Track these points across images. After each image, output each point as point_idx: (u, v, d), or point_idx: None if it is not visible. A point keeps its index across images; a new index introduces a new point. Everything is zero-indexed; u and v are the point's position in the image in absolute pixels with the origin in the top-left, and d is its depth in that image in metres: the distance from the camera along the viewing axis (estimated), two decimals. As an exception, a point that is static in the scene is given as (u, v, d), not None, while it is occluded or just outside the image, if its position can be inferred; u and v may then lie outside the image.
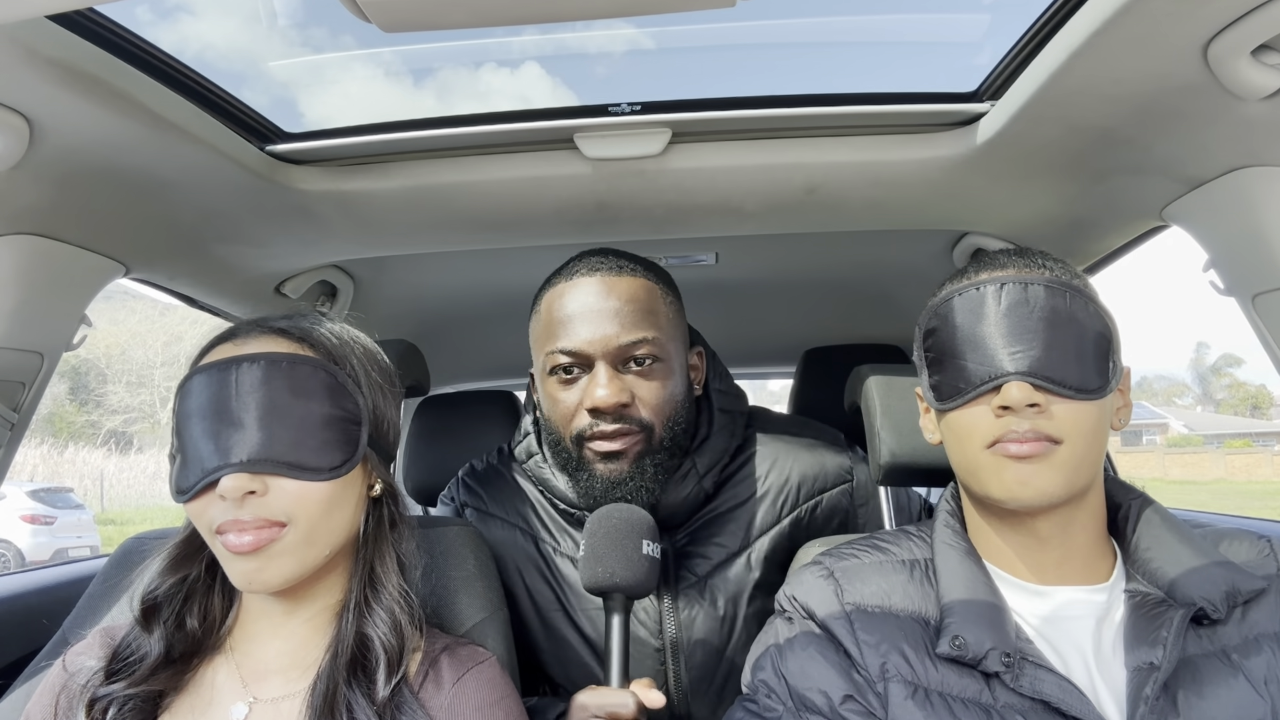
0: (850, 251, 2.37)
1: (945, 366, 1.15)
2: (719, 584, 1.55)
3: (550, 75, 6.56)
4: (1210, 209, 1.39)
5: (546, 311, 1.50)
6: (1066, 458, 1.06)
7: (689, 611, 1.54)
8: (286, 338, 1.09)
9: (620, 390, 1.42)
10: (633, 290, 1.46)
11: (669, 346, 1.48)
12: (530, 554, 1.62)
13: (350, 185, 1.57)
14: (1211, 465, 39.80)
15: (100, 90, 1.14)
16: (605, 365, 1.43)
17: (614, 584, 1.29)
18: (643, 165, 1.53)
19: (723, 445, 1.60)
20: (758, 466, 1.64)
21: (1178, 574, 1.09)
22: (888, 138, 1.53)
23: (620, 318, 1.44)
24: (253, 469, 1.00)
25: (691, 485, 1.55)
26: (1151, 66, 1.15)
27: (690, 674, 1.53)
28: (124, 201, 1.42)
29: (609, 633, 1.30)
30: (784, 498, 1.61)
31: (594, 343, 1.43)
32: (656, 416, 1.46)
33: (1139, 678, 1.03)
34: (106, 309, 32.35)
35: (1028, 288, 1.11)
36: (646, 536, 1.33)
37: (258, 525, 1.00)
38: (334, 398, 1.07)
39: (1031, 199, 1.67)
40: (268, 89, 1.50)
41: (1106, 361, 1.10)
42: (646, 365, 1.45)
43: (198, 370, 1.06)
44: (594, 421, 1.44)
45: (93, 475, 27.52)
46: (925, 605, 1.16)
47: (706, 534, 1.59)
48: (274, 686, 1.09)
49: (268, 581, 1.02)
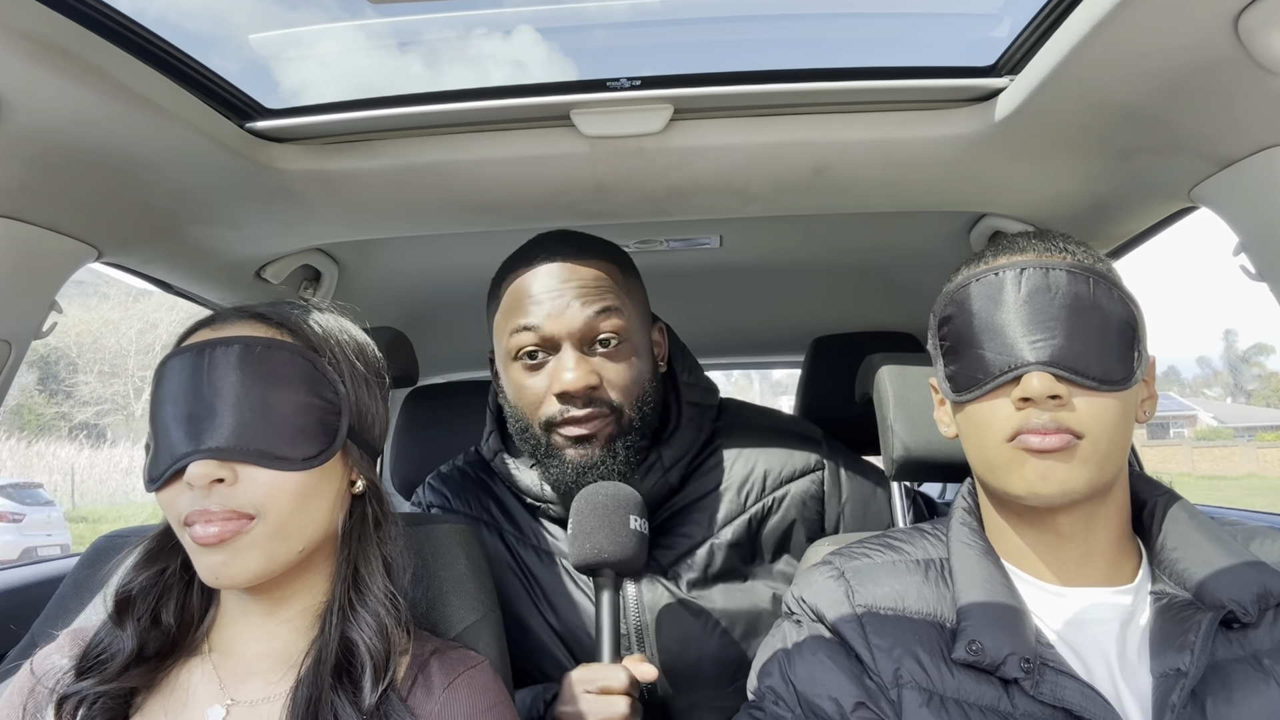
0: (861, 234, 2.37)
1: (962, 356, 1.14)
2: (681, 570, 1.61)
3: (546, 41, 6.58)
4: (1241, 189, 1.39)
5: (508, 296, 1.55)
6: (1090, 453, 1.06)
7: (652, 596, 1.59)
8: (265, 323, 1.09)
9: (588, 373, 1.48)
10: (594, 272, 1.53)
11: (633, 325, 1.55)
12: (495, 548, 1.68)
13: (334, 164, 1.57)
14: (1242, 459, 39.79)
15: (71, 64, 1.13)
16: (571, 347, 1.48)
17: (603, 560, 1.35)
18: (643, 143, 1.53)
19: (690, 438, 1.65)
20: (725, 458, 1.69)
21: (1206, 575, 1.09)
22: (901, 114, 1.52)
23: (584, 298, 1.49)
24: (222, 456, 1.00)
25: (657, 477, 1.59)
26: (1179, 39, 1.14)
27: (656, 659, 1.56)
28: (96, 182, 1.42)
29: (599, 610, 1.36)
30: (748, 488, 1.66)
31: (559, 321, 1.48)
32: (625, 397, 1.52)
33: (1165, 684, 1.03)
34: (78, 295, 32.31)
35: (1049, 273, 1.10)
36: (634, 512, 1.39)
37: (225, 516, 1.00)
38: (312, 385, 1.07)
39: (1053, 179, 1.66)
40: (250, 61, 1.49)
41: (1131, 351, 1.10)
42: (613, 346, 1.51)
43: (172, 354, 1.06)
44: (564, 407, 1.49)
45: (63, 470, 27.50)
46: (940, 607, 1.16)
47: (671, 525, 1.64)
48: (253, 689, 1.09)
49: (234, 576, 1.02)
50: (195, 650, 1.13)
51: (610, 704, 1.28)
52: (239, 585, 1.04)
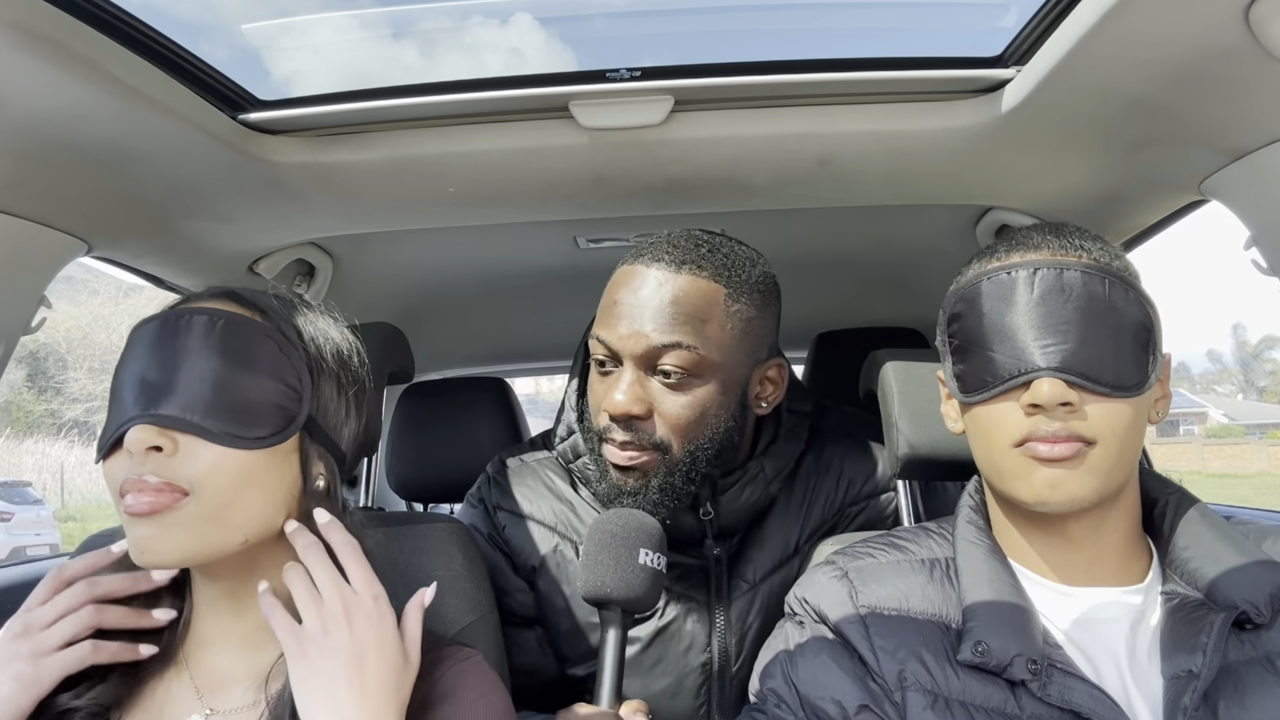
0: (865, 228, 2.37)
1: (971, 356, 1.13)
2: (772, 590, 1.54)
3: (544, 29, 6.58)
4: (1253, 182, 1.39)
5: (608, 289, 1.45)
6: (1100, 460, 1.05)
7: (743, 623, 1.54)
8: (238, 302, 1.07)
9: (635, 400, 1.37)
10: (687, 290, 1.38)
11: (714, 360, 1.38)
12: (569, 558, 1.58)
13: (329, 157, 1.57)
14: (1254, 457, 39.78)
15: (61, 55, 1.13)
16: (632, 367, 1.38)
17: (606, 595, 1.26)
18: (643, 135, 1.53)
19: (792, 449, 1.59)
20: (815, 466, 1.64)
21: (1218, 574, 1.09)
22: (906, 105, 1.52)
23: (659, 319, 1.36)
24: (163, 423, 0.97)
25: (760, 491, 1.53)
26: (1189, 29, 1.14)
27: (735, 690, 1.52)
28: (86, 175, 1.42)
29: (602, 647, 1.26)
30: (836, 499, 1.63)
31: (624, 339, 1.37)
32: (677, 436, 1.39)
33: (1177, 686, 1.03)
34: (67, 290, 32.29)
35: (1063, 273, 1.08)
36: (646, 545, 1.28)
37: (157, 488, 0.96)
38: (274, 368, 1.04)
39: (1060, 171, 1.66)
40: (242, 50, 1.49)
41: (1146, 354, 1.08)
42: (677, 378, 1.37)
43: (139, 323, 1.05)
44: (610, 425, 1.40)
45: (52, 468, 27.54)
46: (946, 608, 1.16)
47: (759, 537, 1.59)
48: (233, 697, 1.07)
49: (161, 554, 0.98)
50: (171, 662, 1.11)
51: None
52: (166, 565, 1.02)
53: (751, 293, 1.44)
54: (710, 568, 1.56)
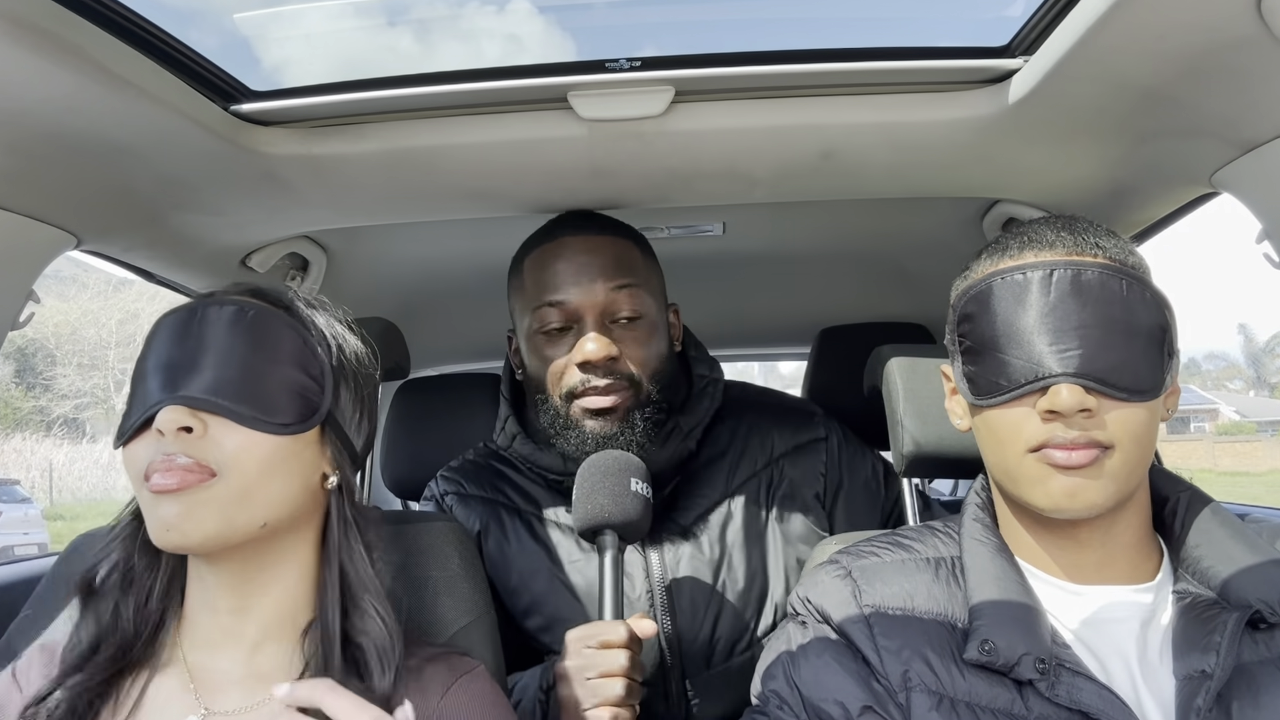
0: (870, 221, 2.37)
1: (983, 359, 1.12)
2: (701, 527, 1.73)
3: (542, 15, 6.58)
4: (1264, 174, 1.39)
5: (530, 272, 1.70)
6: (1118, 466, 1.05)
7: (674, 553, 1.70)
8: (263, 298, 1.12)
9: (609, 344, 1.60)
10: (616, 249, 1.68)
11: (651, 304, 1.69)
12: (513, 526, 1.78)
13: (322, 148, 1.57)
14: (1266, 455, 39.78)
15: (49, 45, 1.13)
16: (593, 320, 1.62)
17: (605, 520, 1.43)
18: (643, 127, 1.53)
19: (705, 406, 1.77)
20: (734, 426, 1.83)
21: (1231, 573, 1.09)
22: (911, 96, 1.52)
23: (606, 274, 1.63)
24: (195, 405, 1.01)
25: (676, 443, 1.70)
26: (1200, 18, 1.14)
27: (680, 617, 1.64)
28: (75, 167, 1.42)
29: (601, 571, 1.41)
30: (758, 454, 1.80)
31: (584, 295, 1.62)
32: (643, 371, 1.65)
33: (1189, 687, 1.03)
34: (55, 284, 32.26)
35: (1081, 274, 1.07)
36: (635, 475, 1.47)
37: (187, 467, 0.99)
38: (299, 359, 1.09)
39: (1069, 163, 1.66)
40: (233, 37, 1.49)
41: (1162, 355, 1.08)
42: (632, 323, 1.65)
43: (165, 315, 1.08)
44: (585, 377, 1.62)
45: (40, 466, 27.58)
46: (952, 607, 1.16)
47: (690, 487, 1.76)
48: (230, 698, 1.08)
49: (187, 533, 1.00)
50: (167, 661, 1.11)
51: (609, 657, 1.32)
52: (191, 546, 1.03)
53: (647, 246, 1.78)
54: None
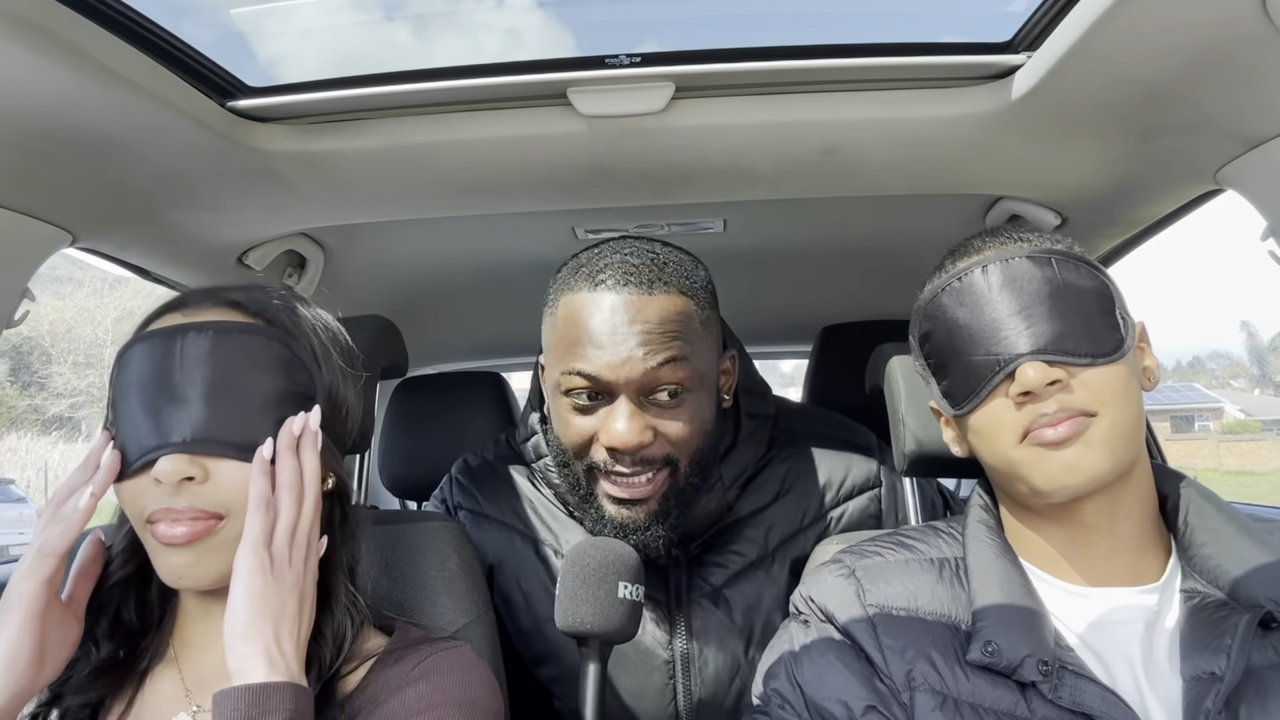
0: (872, 218, 2.37)
1: (951, 368, 1.16)
2: (735, 595, 1.57)
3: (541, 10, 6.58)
4: (1269, 171, 1.39)
5: (565, 320, 1.42)
6: (1106, 431, 1.07)
7: (701, 621, 1.55)
8: (240, 310, 1.09)
9: (642, 429, 1.37)
10: (664, 310, 1.39)
11: (700, 370, 1.42)
12: (528, 559, 1.63)
13: (320, 145, 1.57)
14: (1271, 454, 39.82)
15: (45, 41, 1.13)
16: (628, 399, 1.38)
17: (587, 631, 1.27)
18: (643, 123, 1.53)
19: (751, 454, 1.61)
20: (780, 470, 1.64)
21: (1241, 572, 1.09)
22: (914, 92, 1.52)
23: (649, 344, 1.36)
24: (194, 449, 1.00)
25: (717, 498, 1.56)
26: (1205, 14, 1.14)
27: (701, 689, 1.54)
28: (71, 164, 1.41)
29: (583, 680, 1.28)
30: (807, 504, 1.62)
31: (618, 370, 1.36)
32: (683, 451, 1.42)
33: (1198, 689, 1.03)
34: (51, 282, 32.26)
35: (1010, 263, 1.13)
36: (625, 579, 1.29)
37: (192, 516, 0.99)
38: (288, 372, 1.07)
39: (1072, 160, 1.66)
40: (230, 32, 1.48)
41: (1115, 318, 1.12)
42: (674, 398, 1.40)
43: (140, 338, 1.06)
44: (610, 459, 1.41)
45: (36, 465, 27.58)
46: (955, 608, 1.17)
47: (723, 542, 1.60)
48: None
49: (198, 578, 1.01)
50: (163, 657, 1.13)
51: None
52: (201, 587, 1.04)
53: (707, 296, 1.50)
54: (670, 569, 1.58)
